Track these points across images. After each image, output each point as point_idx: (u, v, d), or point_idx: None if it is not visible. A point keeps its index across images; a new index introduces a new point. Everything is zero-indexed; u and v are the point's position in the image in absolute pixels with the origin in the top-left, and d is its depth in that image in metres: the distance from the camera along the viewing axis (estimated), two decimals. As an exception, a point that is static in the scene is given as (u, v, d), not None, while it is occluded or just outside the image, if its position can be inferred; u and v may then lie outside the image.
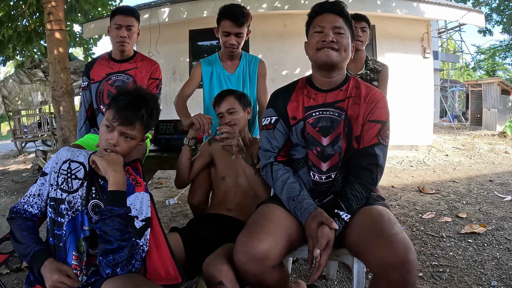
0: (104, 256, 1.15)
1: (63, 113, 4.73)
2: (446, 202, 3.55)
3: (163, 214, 3.43)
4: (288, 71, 6.72)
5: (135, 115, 1.28)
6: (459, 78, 23.01)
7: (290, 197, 1.42)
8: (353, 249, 1.33)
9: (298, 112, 1.51)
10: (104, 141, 1.28)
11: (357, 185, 1.39)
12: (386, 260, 1.11)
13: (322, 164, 1.46)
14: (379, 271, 1.15)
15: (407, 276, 1.10)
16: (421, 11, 6.50)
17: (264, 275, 1.26)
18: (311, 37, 1.48)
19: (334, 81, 1.50)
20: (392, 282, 1.12)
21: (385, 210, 1.34)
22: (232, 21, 2.08)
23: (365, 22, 2.33)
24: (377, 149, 1.42)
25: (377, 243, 1.17)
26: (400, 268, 1.09)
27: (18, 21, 6.74)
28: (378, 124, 1.44)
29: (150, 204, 1.30)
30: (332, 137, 1.45)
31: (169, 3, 6.77)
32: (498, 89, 11.46)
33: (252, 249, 1.23)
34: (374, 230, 1.23)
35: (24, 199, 1.32)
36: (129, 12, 2.16)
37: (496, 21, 18.84)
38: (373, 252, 1.16)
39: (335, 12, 1.46)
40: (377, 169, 1.41)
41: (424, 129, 6.99)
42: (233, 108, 1.86)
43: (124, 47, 2.18)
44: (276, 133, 1.53)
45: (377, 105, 1.46)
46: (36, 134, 9.51)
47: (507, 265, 2.15)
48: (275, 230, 1.30)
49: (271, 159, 1.52)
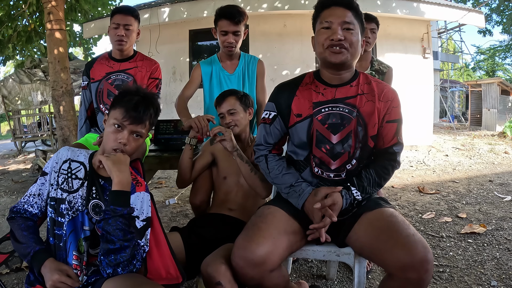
0: (106, 256, 1.15)
1: (63, 113, 4.73)
2: (446, 202, 3.55)
3: (163, 214, 3.43)
4: (288, 71, 6.71)
5: (146, 113, 1.30)
6: (459, 79, 23.02)
7: (286, 184, 1.42)
8: (365, 251, 1.32)
9: (304, 108, 1.44)
10: (113, 141, 1.27)
11: (372, 170, 1.40)
12: (405, 260, 1.12)
13: (331, 163, 1.42)
14: (397, 272, 1.16)
15: (425, 275, 1.12)
16: (421, 11, 6.51)
17: (263, 279, 1.26)
18: (318, 34, 1.39)
19: (344, 77, 1.44)
20: (410, 281, 1.13)
21: (396, 212, 1.34)
22: (229, 20, 2.12)
23: (374, 24, 2.31)
24: (396, 148, 1.43)
25: (395, 244, 1.17)
26: (419, 267, 1.11)
27: (18, 21, 6.74)
28: (395, 123, 1.43)
29: (150, 204, 1.30)
30: (342, 135, 1.40)
31: (169, 3, 6.77)
32: (498, 89, 11.46)
33: (250, 254, 1.23)
34: (390, 231, 1.23)
35: (24, 199, 1.32)
36: (127, 11, 2.17)
37: (496, 21, 18.86)
38: (391, 253, 1.17)
39: (344, 5, 1.35)
40: (394, 163, 1.44)
41: (424, 129, 6.99)
42: (233, 109, 1.86)
43: (122, 46, 2.18)
44: (272, 129, 1.51)
45: (393, 104, 1.43)
46: (36, 134, 9.50)
47: (507, 265, 2.15)
48: (274, 234, 1.29)
49: (266, 151, 1.53)
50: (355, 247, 1.36)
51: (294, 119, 1.46)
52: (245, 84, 2.31)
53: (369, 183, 1.38)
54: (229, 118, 1.85)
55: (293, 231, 1.36)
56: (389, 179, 1.44)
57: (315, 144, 1.42)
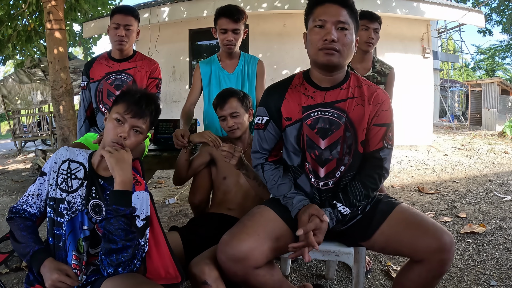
0: (108, 256, 1.15)
1: (63, 113, 4.72)
2: (445, 202, 3.55)
3: (162, 213, 3.42)
4: (288, 71, 6.71)
5: (147, 108, 1.32)
6: (459, 78, 23.01)
7: (281, 194, 1.41)
8: (391, 245, 1.35)
9: (294, 112, 1.39)
10: (113, 135, 1.28)
11: (358, 182, 1.38)
12: (436, 245, 1.22)
13: (320, 170, 1.39)
14: (429, 256, 1.24)
15: (451, 255, 1.25)
16: (421, 11, 6.50)
17: (247, 275, 1.26)
18: (310, 32, 1.32)
19: (335, 79, 1.39)
20: (440, 262, 1.24)
21: (405, 204, 1.41)
22: (228, 17, 2.13)
23: (378, 23, 2.22)
24: (382, 153, 1.39)
25: (425, 232, 1.26)
26: (448, 249, 1.23)
27: (17, 21, 6.73)
28: (383, 127, 1.38)
29: (149, 203, 1.30)
30: (330, 141, 1.37)
31: (169, 2, 6.77)
32: (497, 89, 11.45)
33: (231, 249, 1.24)
34: (415, 222, 1.31)
35: (23, 199, 1.32)
36: (127, 11, 2.16)
37: (496, 21, 18.84)
38: (422, 240, 1.25)
39: (338, 3, 1.29)
40: (381, 171, 1.40)
41: (424, 128, 6.99)
42: (236, 112, 1.83)
43: (122, 46, 2.18)
44: (266, 134, 1.45)
45: (382, 107, 1.38)
46: (36, 133, 9.49)
47: (506, 265, 2.15)
48: (258, 231, 1.28)
49: (262, 160, 1.48)
50: (376, 246, 1.39)
51: (284, 122, 1.42)
52: (244, 84, 2.31)
53: (355, 196, 1.35)
54: (232, 121, 1.83)
55: (281, 231, 1.35)
56: (378, 188, 1.41)
57: (306, 149, 1.39)
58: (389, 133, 1.40)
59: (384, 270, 2.17)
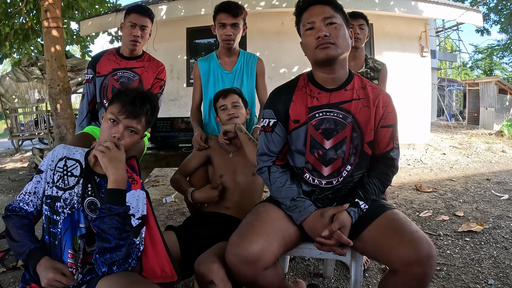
0: (101, 255, 1.14)
1: (60, 111, 4.71)
2: (443, 200, 3.55)
3: (160, 212, 3.42)
4: (285, 69, 6.71)
5: (142, 109, 1.30)
6: (457, 77, 23.08)
7: (289, 197, 1.38)
8: (369, 249, 1.33)
9: (302, 114, 1.41)
10: (107, 135, 1.27)
11: (375, 179, 1.41)
12: (411, 256, 1.15)
13: (323, 169, 1.40)
14: (403, 267, 1.18)
15: (429, 270, 1.16)
16: (419, 10, 6.51)
17: (257, 277, 1.25)
18: (304, 36, 1.38)
19: (338, 77, 1.41)
20: (415, 276, 1.16)
21: (397, 210, 1.36)
22: (227, 12, 2.14)
23: (362, 19, 2.28)
24: (393, 153, 1.45)
25: (400, 241, 1.20)
26: (424, 263, 1.14)
27: (15, 19, 6.70)
28: (390, 128, 1.43)
29: (146, 202, 1.29)
30: (335, 140, 1.38)
31: (167, 1, 6.74)
32: (495, 88, 11.50)
33: (243, 251, 1.22)
34: (395, 229, 1.25)
35: (19, 197, 1.31)
36: (145, 12, 2.19)
37: (493, 20, 18.89)
38: (397, 250, 1.19)
39: (320, 2, 1.35)
40: (394, 169, 1.46)
41: (422, 127, 7.00)
42: (237, 102, 1.93)
43: (136, 46, 2.20)
44: (274, 137, 1.45)
45: (387, 109, 1.43)
46: (33, 132, 9.46)
47: (504, 263, 2.16)
48: (268, 231, 1.28)
49: (269, 162, 1.47)
50: (358, 247, 1.36)
51: (292, 125, 1.43)
52: (243, 82, 2.29)
53: (374, 192, 1.39)
54: (233, 110, 1.90)
55: (288, 229, 1.35)
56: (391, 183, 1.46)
57: (308, 149, 1.40)
58: (396, 133, 1.45)
59: (382, 268, 2.17)
